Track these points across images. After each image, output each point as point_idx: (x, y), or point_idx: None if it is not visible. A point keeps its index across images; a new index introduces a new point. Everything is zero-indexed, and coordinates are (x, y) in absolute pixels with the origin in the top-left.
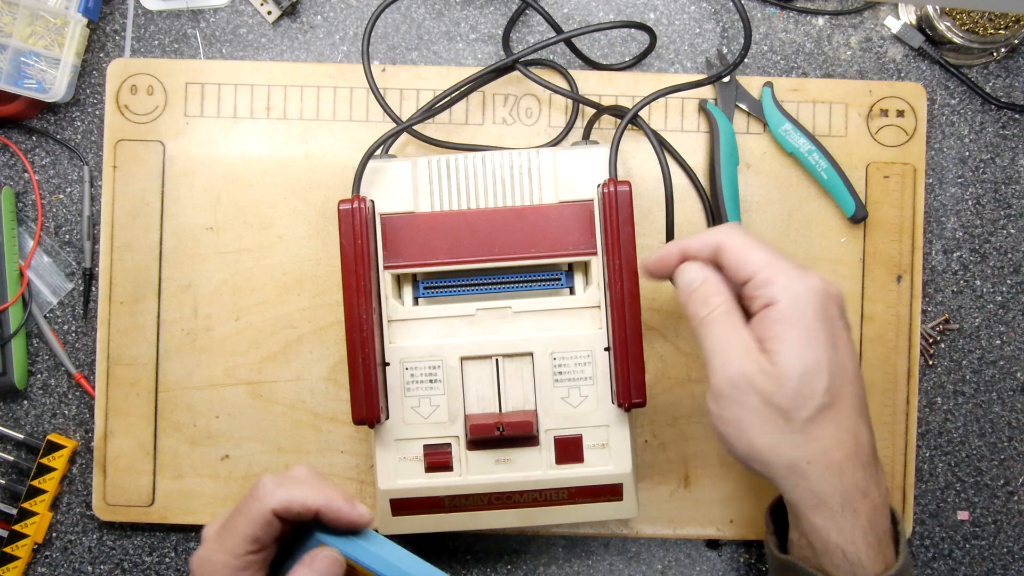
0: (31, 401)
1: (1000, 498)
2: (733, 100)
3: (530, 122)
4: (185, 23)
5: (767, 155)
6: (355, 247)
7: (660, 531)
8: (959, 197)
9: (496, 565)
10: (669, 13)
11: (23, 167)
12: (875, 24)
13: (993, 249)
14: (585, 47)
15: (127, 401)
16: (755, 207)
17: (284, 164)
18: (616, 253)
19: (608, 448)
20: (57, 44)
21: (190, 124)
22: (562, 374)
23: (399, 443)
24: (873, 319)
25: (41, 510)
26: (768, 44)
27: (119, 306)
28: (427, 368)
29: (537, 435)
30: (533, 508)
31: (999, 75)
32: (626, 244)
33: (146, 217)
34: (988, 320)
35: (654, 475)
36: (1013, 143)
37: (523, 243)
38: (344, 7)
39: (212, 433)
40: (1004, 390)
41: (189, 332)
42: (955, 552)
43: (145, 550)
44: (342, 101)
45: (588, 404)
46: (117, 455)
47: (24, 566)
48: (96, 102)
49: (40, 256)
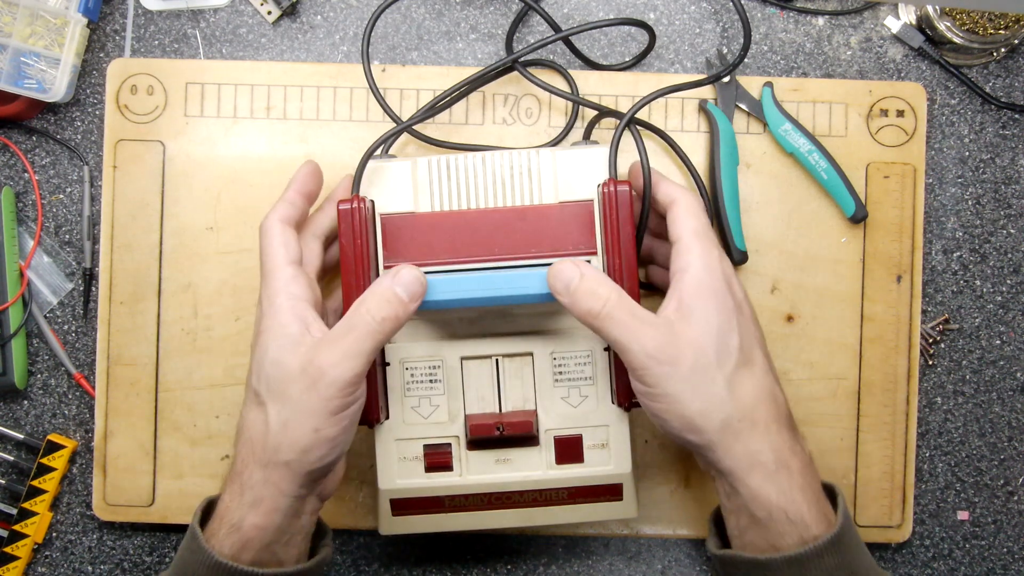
0: (31, 401)
1: (1000, 498)
2: (733, 100)
3: (530, 122)
4: (185, 23)
5: (767, 155)
6: (355, 247)
7: (660, 531)
8: (959, 197)
9: (496, 565)
10: (669, 13)
11: (23, 167)
12: (875, 24)
13: (993, 249)
14: (585, 47)
15: (127, 401)
16: (755, 207)
17: (284, 164)
18: (616, 253)
19: (608, 448)
20: (57, 44)
21: (190, 124)
22: (562, 374)
23: (399, 443)
24: (873, 319)
25: (41, 510)
26: (768, 44)
27: (119, 306)
28: (427, 368)
29: (537, 435)
30: (533, 508)
31: (999, 75)
32: (626, 244)
33: (146, 217)
34: (988, 320)
35: (654, 475)
36: (1013, 143)
37: (523, 243)
38: (344, 7)
39: (212, 433)
40: (1004, 390)
41: (189, 332)
42: (955, 552)
43: (145, 550)
44: (342, 101)
45: (588, 404)
46: (117, 455)
47: (24, 566)
48: (96, 102)
49: (40, 256)
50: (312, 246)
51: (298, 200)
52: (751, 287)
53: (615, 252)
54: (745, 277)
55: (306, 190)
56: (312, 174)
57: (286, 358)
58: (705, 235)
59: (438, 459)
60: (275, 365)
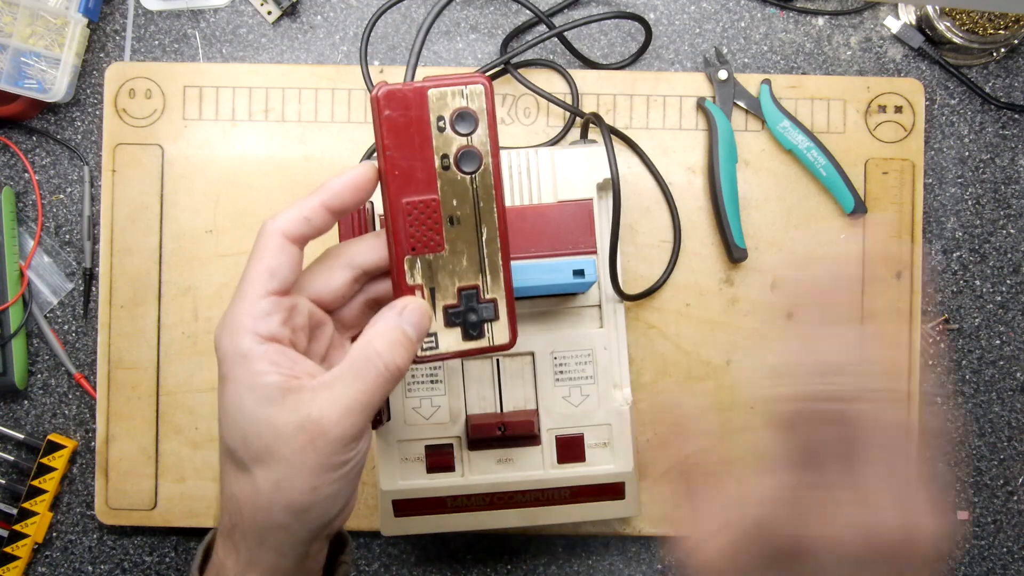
0: (31, 401)
1: (1000, 498)
2: (731, 98)
3: (528, 122)
4: (185, 23)
5: (766, 152)
6: None
7: (662, 530)
8: (959, 197)
9: (496, 565)
10: (669, 13)
11: (23, 167)
12: (875, 24)
13: (993, 249)
14: (585, 47)
15: (128, 405)
16: (754, 204)
17: (283, 166)
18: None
19: (610, 447)
20: (57, 44)
21: (189, 127)
22: (563, 373)
23: (401, 444)
24: (873, 315)
25: (41, 510)
26: (768, 44)
27: (119, 310)
28: (428, 369)
29: (538, 434)
30: (535, 508)
31: (999, 75)
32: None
33: (145, 221)
34: (988, 320)
35: (656, 474)
36: (1013, 143)
37: (522, 242)
38: (344, 7)
39: (214, 436)
40: (1004, 390)
41: (190, 335)
42: (955, 552)
43: (145, 550)
44: (340, 103)
45: (589, 403)
46: (119, 459)
47: (24, 566)
48: (96, 102)
49: (40, 256)
50: (337, 278)
51: (319, 215)
52: (751, 284)
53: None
54: (745, 274)
55: (337, 204)
56: (353, 187)
57: (270, 414)
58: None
59: (440, 459)
60: (256, 423)
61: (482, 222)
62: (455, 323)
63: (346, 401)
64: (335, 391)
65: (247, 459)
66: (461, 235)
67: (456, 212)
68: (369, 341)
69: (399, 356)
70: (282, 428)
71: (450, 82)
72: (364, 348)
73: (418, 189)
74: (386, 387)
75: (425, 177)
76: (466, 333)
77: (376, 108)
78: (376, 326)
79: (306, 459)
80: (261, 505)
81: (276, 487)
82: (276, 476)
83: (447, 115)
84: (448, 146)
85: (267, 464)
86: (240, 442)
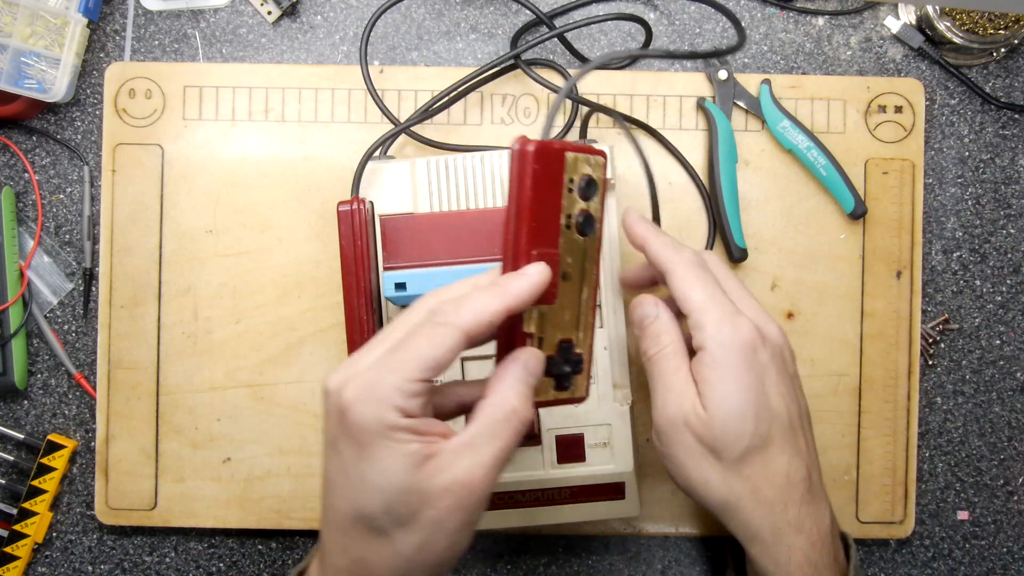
0: (31, 401)
1: (1000, 498)
2: (731, 98)
3: (528, 122)
4: (185, 23)
5: (766, 152)
6: (355, 248)
7: (662, 529)
8: (959, 197)
9: (496, 565)
10: (669, 13)
11: (23, 167)
12: (875, 24)
13: (993, 249)
14: (585, 48)
15: (128, 405)
16: (754, 204)
17: (283, 166)
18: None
19: (610, 447)
20: (57, 44)
21: (189, 127)
22: None
23: None
24: (873, 315)
25: (41, 510)
26: (768, 44)
27: (119, 310)
28: None
29: (539, 434)
30: (535, 508)
31: (999, 75)
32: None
33: (145, 221)
34: (988, 320)
35: (656, 473)
36: (1013, 143)
37: None
38: (344, 7)
39: (214, 436)
40: (1004, 390)
41: (190, 335)
42: (955, 552)
43: (145, 550)
44: (340, 103)
45: (589, 403)
46: (119, 459)
47: (24, 566)
48: (96, 102)
49: (40, 256)
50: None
51: (500, 320)
52: (751, 284)
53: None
54: (745, 274)
55: (517, 308)
56: (537, 293)
57: (417, 480)
58: (712, 304)
59: None
60: (402, 491)
61: (584, 281)
62: (551, 373)
63: (490, 461)
64: (479, 452)
65: (387, 524)
66: (567, 291)
67: (568, 269)
68: (505, 399)
69: (530, 410)
70: (428, 492)
71: (579, 148)
72: (501, 406)
73: (546, 242)
74: (520, 439)
75: (552, 232)
76: (559, 383)
77: (523, 160)
78: (505, 381)
79: (452, 519)
80: (399, 567)
81: (419, 549)
82: (419, 539)
83: (576, 179)
84: (572, 207)
85: (409, 528)
86: (381, 509)
